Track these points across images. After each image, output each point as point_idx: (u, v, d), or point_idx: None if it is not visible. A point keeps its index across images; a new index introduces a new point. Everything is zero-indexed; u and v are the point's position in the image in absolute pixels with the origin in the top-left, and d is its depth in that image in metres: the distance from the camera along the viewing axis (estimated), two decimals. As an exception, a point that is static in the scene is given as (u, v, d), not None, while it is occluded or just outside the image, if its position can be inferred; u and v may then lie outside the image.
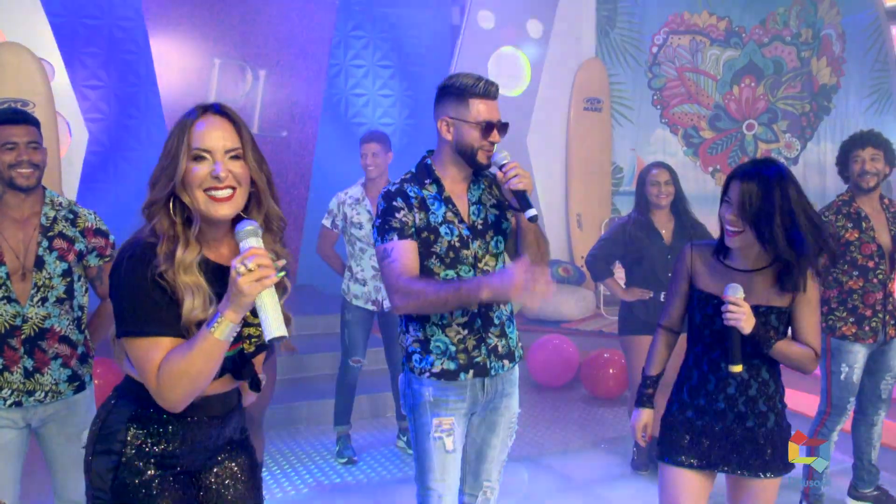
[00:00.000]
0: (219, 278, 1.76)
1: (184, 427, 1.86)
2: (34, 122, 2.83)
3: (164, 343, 1.71)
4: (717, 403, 2.57)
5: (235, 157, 1.78)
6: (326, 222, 4.85)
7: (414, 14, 7.97)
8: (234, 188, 1.76)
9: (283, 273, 1.72)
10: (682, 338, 4.48)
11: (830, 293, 3.92)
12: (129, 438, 1.83)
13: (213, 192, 1.74)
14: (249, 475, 2.05)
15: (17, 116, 2.82)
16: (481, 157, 2.57)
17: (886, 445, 4.30)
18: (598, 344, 6.45)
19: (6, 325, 2.75)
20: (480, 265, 2.63)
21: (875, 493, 4.12)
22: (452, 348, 2.62)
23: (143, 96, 7.14)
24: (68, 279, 2.86)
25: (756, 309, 2.46)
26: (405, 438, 5.07)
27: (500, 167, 2.54)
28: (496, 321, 2.69)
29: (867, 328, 3.85)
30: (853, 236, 3.84)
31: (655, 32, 7.85)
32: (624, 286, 4.65)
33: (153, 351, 1.71)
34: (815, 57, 7.19)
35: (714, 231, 4.66)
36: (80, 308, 2.93)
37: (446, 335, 2.62)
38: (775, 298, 2.51)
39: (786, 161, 7.45)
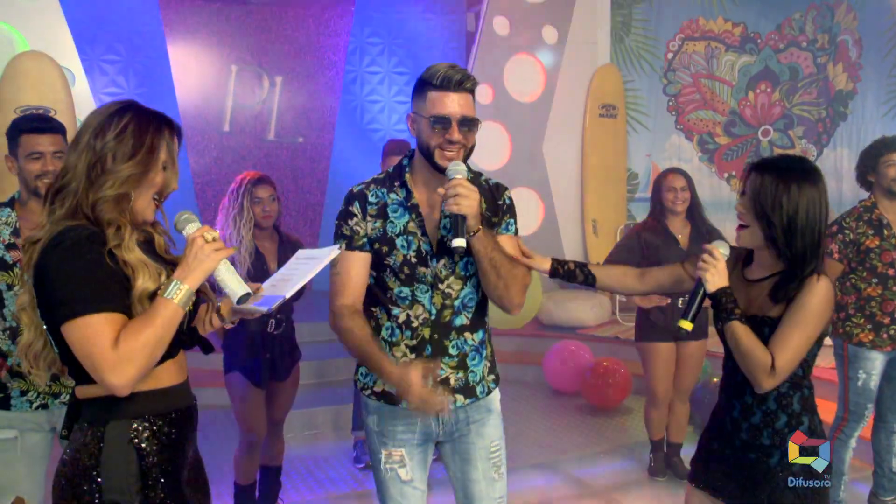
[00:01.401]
0: (150, 255, 1.88)
1: (173, 426, 1.90)
2: (61, 130, 2.85)
3: (118, 319, 1.73)
4: (726, 426, 2.40)
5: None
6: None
7: (429, 21, 8.01)
8: None
9: (234, 248, 1.96)
10: (699, 345, 4.57)
11: (848, 299, 3.92)
12: (151, 461, 1.85)
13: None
14: (202, 474, 2.09)
15: (43, 125, 2.83)
16: (439, 158, 2.25)
17: None
18: (613, 350, 6.47)
19: None
20: (441, 286, 2.34)
21: (893, 500, 4.10)
22: None
23: (161, 102, 7.21)
24: None
25: (751, 321, 2.26)
26: (422, 444, 5.09)
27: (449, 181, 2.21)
28: (452, 351, 2.38)
29: (885, 336, 3.83)
30: (874, 243, 3.83)
31: (670, 39, 7.86)
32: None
33: (108, 327, 1.71)
34: (831, 62, 7.18)
35: (730, 237, 4.68)
36: None
37: (393, 354, 2.34)
38: (770, 308, 2.27)
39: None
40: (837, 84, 7.13)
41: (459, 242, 2.15)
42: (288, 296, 1.95)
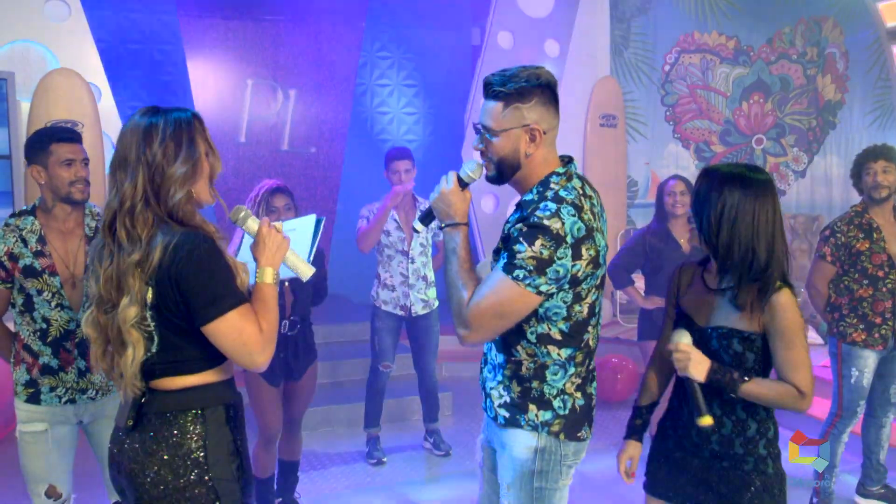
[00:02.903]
0: None
1: (239, 410, 2.07)
2: (81, 139, 2.97)
3: (250, 308, 1.95)
4: (693, 437, 2.37)
5: None
6: (361, 223, 5.03)
7: (436, 35, 8.14)
8: None
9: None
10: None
11: (841, 300, 4.02)
12: (239, 440, 2.02)
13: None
14: None
15: (72, 135, 2.94)
16: None
17: (895, 446, 4.42)
18: (615, 350, 6.62)
19: (61, 329, 2.89)
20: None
21: (882, 490, 4.23)
22: None
23: (181, 116, 7.44)
24: None
25: (716, 332, 2.28)
26: (431, 441, 5.27)
27: None
28: (488, 354, 2.37)
29: (877, 335, 3.93)
30: (864, 246, 3.92)
31: (667, 52, 8.04)
32: (644, 294, 4.84)
33: (251, 316, 1.92)
34: (820, 74, 7.38)
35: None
36: None
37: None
38: (737, 321, 2.25)
39: (794, 174, 7.64)
40: (826, 94, 7.34)
41: (416, 224, 2.37)
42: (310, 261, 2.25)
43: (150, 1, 7.01)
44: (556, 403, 2.19)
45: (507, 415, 2.23)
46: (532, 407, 2.20)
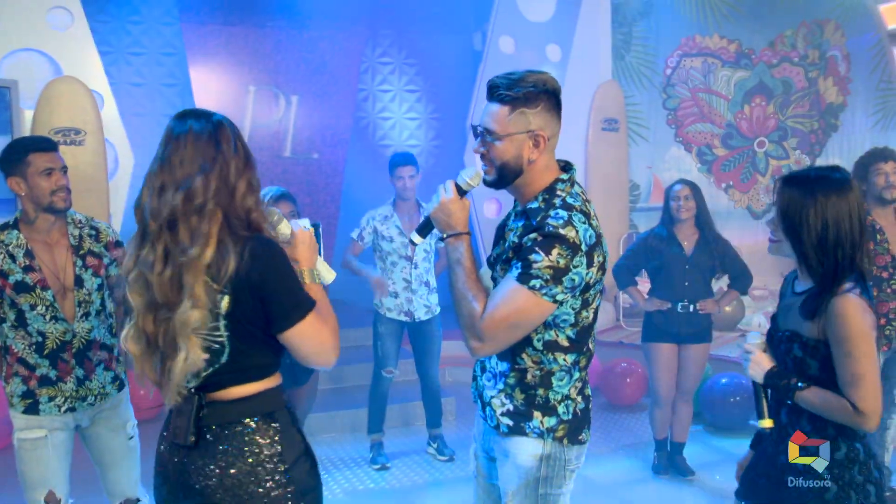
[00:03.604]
0: None
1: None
2: (57, 147, 2.95)
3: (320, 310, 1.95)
4: (769, 447, 2.32)
5: None
6: (354, 234, 5.06)
7: (438, 41, 8.18)
8: None
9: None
10: (701, 348, 4.81)
11: None
12: (306, 441, 2.03)
13: None
14: None
15: (48, 143, 2.93)
16: None
17: None
18: (619, 354, 6.65)
19: (58, 341, 2.90)
20: None
21: (888, 493, 4.28)
22: None
23: (184, 123, 7.46)
24: (103, 292, 3.02)
25: (785, 335, 2.22)
26: (435, 445, 5.28)
27: None
28: (486, 363, 2.34)
29: (881, 336, 3.93)
30: (868, 248, 4.00)
31: (669, 55, 8.04)
32: (647, 296, 4.87)
33: (323, 316, 1.93)
34: (821, 77, 7.39)
35: (739, 247, 4.91)
36: (110, 315, 3.07)
37: None
38: (803, 324, 2.17)
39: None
40: (828, 97, 7.35)
41: (413, 236, 2.31)
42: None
43: (152, 8, 7.04)
44: (561, 409, 2.19)
45: (510, 423, 2.21)
46: (537, 414, 2.19)
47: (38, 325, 2.89)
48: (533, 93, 2.09)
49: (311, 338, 1.91)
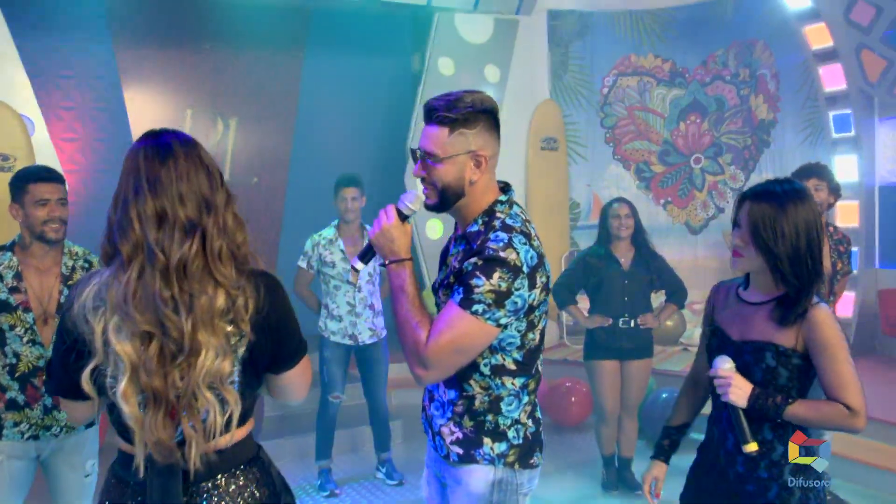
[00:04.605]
0: None
1: None
2: (62, 181, 3.04)
3: None
4: (719, 460, 2.32)
5: None
6: (302, 263, 5.05)
7: (375, 63, 8.21)
8: None
9: None
10: (643, 363, 4.85)
11: None
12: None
13: None
14: None
15: (49, 175, 3.01)
16: None
17: (837, 454, 4.53)
18: (563, 372, 6.68)
19: (30, 365, 2.94)
20: None
21: (829, 497, 4.38)
22: None
23: (118, 147, 7.26)
24: None
25: (752, 345, 2.23)
26: (384, 470, 5.25)
27: None
28: (434, 390, 2.30)
29: None
30: None
31: (605, 75, 8.18)
32: (587, 314, 4.94)
33: None
34: (753, 94, 7.59)
35: (673, 263, 5.00)
36: None
37: None
38: (775, 334, 2.20)
39: (731, 191, 7.83)
40: (759, 114, 7.55)
41: (355, 262, 2.23)
42: None
43: (82, 30, 6.87)
44: (511, 434, 2.17)
45: (460, 451, 2.18)
46: (487, 440, 2.16)
47: (14, 345, 2.94)
48: (471, 113, 2.08)
49: (302, 375, 1.88)
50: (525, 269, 2.02)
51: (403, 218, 2.17)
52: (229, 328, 1.67)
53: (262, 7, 7.16)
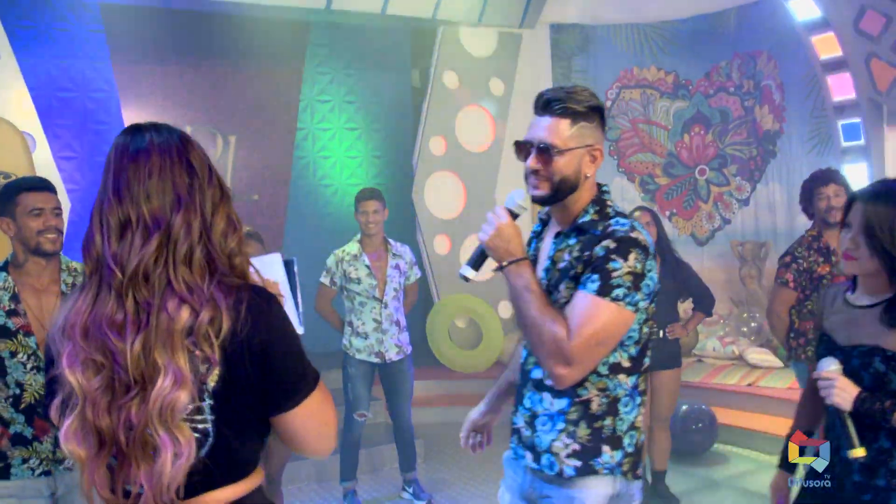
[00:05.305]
0: None
1: None
2: (55, 190, 2.84)
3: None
4: (835, 467, 2.24)
5: None
6: (325, 280, 4.93)
7: (376, 78, 8.20)
8: None
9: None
10: (672, 374, 4.78)
11: (806, 325, 4.06)
12: None
13: None
14: None
15: (42, 184, 2.83)
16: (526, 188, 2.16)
17: None
18: None
19: (36, 395, 2.69)
20: None
21: None
22: None
23: (116, 165, 7.13)
24: None
25: (860, 350, 2.17)
26: (410, 490, 5.12)
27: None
28: (526, 403, 2.19)
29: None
30: (825, 270, 4.01)
31: (608, 87, 8.17)
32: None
33: (326, 389, 1.56)
34: (757, 105, 7.62)
35: (700, 272, 4.94)
36: None
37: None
38: (885, 338, 2.13)
39: (737, 202, 7.83)
40: (765, 125, 7.57)
41: (466, 271, 2.14)
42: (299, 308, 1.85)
43: (82, 47, 6.75)
44: (626, 441, 2.08)
45: (578, 464, 2.05)
46: (605, 448, 2.05)
47: (17, 374, 2.70)
48: (591, 107, 2.08)
49: (315, 417, 1.49)
50: (651, 249, 2.03)
51: (514, 217, 2.13)
52: (197, 352, 1.38)
53: (260, 23, 7.09)
